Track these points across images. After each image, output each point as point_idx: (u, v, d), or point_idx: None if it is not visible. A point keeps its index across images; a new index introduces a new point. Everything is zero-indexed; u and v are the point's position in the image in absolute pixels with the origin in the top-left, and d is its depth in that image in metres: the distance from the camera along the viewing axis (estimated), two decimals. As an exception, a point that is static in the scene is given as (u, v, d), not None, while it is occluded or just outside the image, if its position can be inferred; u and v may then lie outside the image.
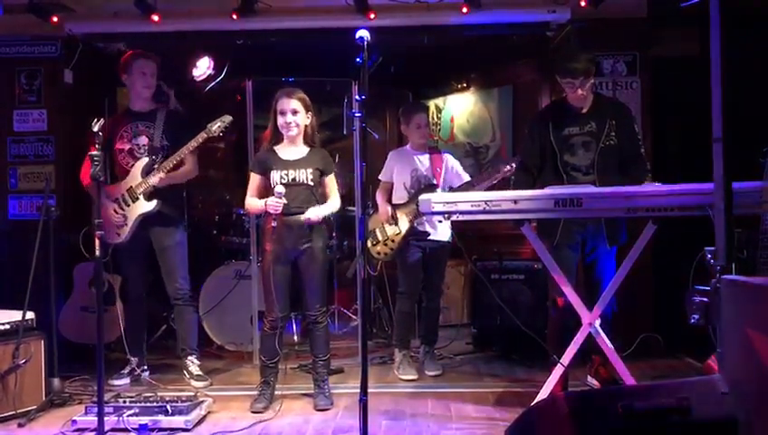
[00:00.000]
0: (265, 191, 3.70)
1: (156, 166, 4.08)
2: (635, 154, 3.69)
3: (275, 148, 3.75)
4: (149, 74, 4.22)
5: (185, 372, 4.26)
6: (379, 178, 4.45)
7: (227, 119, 4.02)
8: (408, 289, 4.37)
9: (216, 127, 3.98)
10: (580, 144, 3.69)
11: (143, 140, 4.18)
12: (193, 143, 4.02)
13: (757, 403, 1.70)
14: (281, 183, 3.62)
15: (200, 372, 4.24)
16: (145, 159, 4.13)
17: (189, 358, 4.27)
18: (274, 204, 3.56)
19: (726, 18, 2.15)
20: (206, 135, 3.99)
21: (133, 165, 4.14)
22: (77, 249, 4.66)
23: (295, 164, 3.69)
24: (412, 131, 4.38)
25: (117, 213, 4.09)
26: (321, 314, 3.75)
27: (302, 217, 3.60)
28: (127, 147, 4.19)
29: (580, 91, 3.61)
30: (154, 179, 4.05)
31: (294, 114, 3.66)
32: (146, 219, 4.12)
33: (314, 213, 3.62)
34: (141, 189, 4.07)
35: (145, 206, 4.08)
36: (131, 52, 4.30)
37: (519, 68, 5.76)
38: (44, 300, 3.89)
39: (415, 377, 4.24)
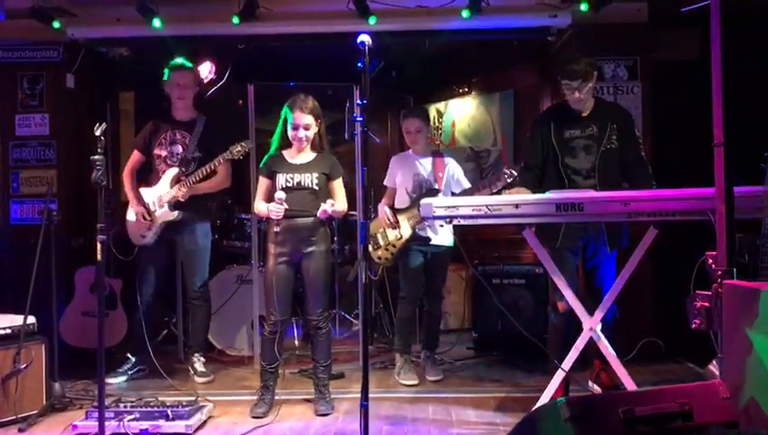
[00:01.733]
0: (273, 194, 3.71)
1: (183, 177, 4.23)
2: (636, 158, 3.69)
3: (283, 152, 3.77)
4: (184, 85, 4.35)
5: (190, 368, 4.42)
6: (384, 183, 4.46)
7: (248, 144, 4.13)
8: (410, 294, 4.36)
9: (237, 151, 4.10)
10: (582, 147, 3.69)
11: (178, 148, 4.34)
12: (215, 162, 4.15)
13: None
14: (285, 186, 3.65)
15: (204, 369, 4.40)
16: (175, 170, 4.29)
17: (196, 355, 4.44)
18: (275, 210, 3.57)
19: (726, 23, 2.16)
20: (227, 156, 4.11)
21: (165, 172, 4.30)
22: (78, 253, 4.66)
23: (301, 168, 3.71)
24: (405, 135, 4.41)
25: (144, 218, 4.26)
26: (322, 318, 3.74)
27: (320, 210, 3.60)
28: (163, 154, 4.35)
29: (577, 94, 3.62)
30: (179, 193, 4.19)
31: (306, 129, 3.69)
32: (175, 225, 4.29)
33: (329, 204, 3.61)
34: (167, 198, 4.23)
35: (169, 215, 4.27)
36: (172, 63, 4.38)
37: (520, 72, 5.75)
38: (45, 304, 3.88)
39: (416, 382, 4.23)
